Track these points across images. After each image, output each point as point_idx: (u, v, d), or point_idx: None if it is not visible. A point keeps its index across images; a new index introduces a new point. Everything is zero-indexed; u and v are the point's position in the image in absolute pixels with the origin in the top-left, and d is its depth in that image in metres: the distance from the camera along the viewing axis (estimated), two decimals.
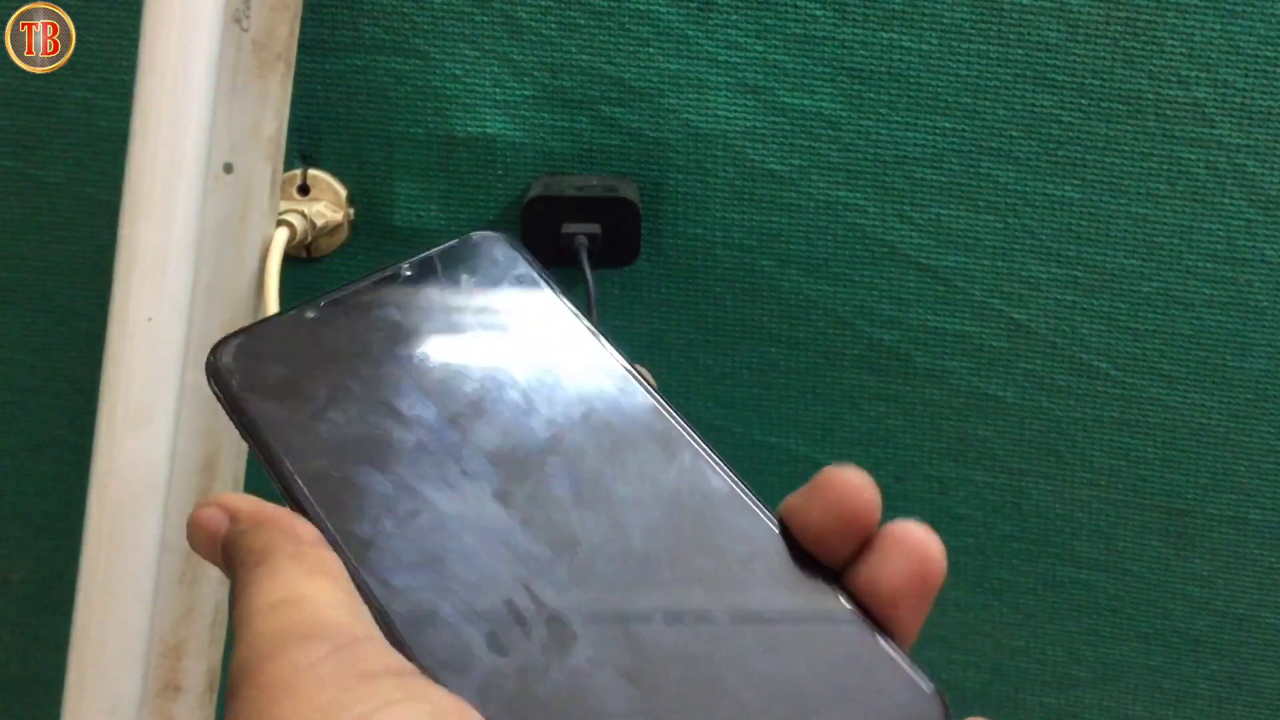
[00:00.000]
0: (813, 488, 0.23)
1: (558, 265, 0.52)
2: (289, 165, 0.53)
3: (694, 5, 0.51)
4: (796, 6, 0.51)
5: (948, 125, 0.52)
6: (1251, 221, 0.53)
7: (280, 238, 0.49)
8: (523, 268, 0.25)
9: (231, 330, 0.25)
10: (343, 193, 0.54)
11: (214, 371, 0.23)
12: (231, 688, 0.19)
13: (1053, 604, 0.61)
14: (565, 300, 0.25)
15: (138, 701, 0.49)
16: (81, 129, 0.53)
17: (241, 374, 0.23)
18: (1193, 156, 0.52)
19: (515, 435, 0.22)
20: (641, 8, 0.51)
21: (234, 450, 0.50)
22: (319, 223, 0.52)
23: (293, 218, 0.50)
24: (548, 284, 0.25)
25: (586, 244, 0.50)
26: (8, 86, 0.53)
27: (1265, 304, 0.53)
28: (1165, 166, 0.53)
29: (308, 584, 0.20)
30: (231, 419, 0.23)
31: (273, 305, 0.48)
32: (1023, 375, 0.56)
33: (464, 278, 0.25)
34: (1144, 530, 0.59)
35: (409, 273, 0.24)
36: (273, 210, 0.49)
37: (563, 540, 0.21)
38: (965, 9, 0.51)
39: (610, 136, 0.53)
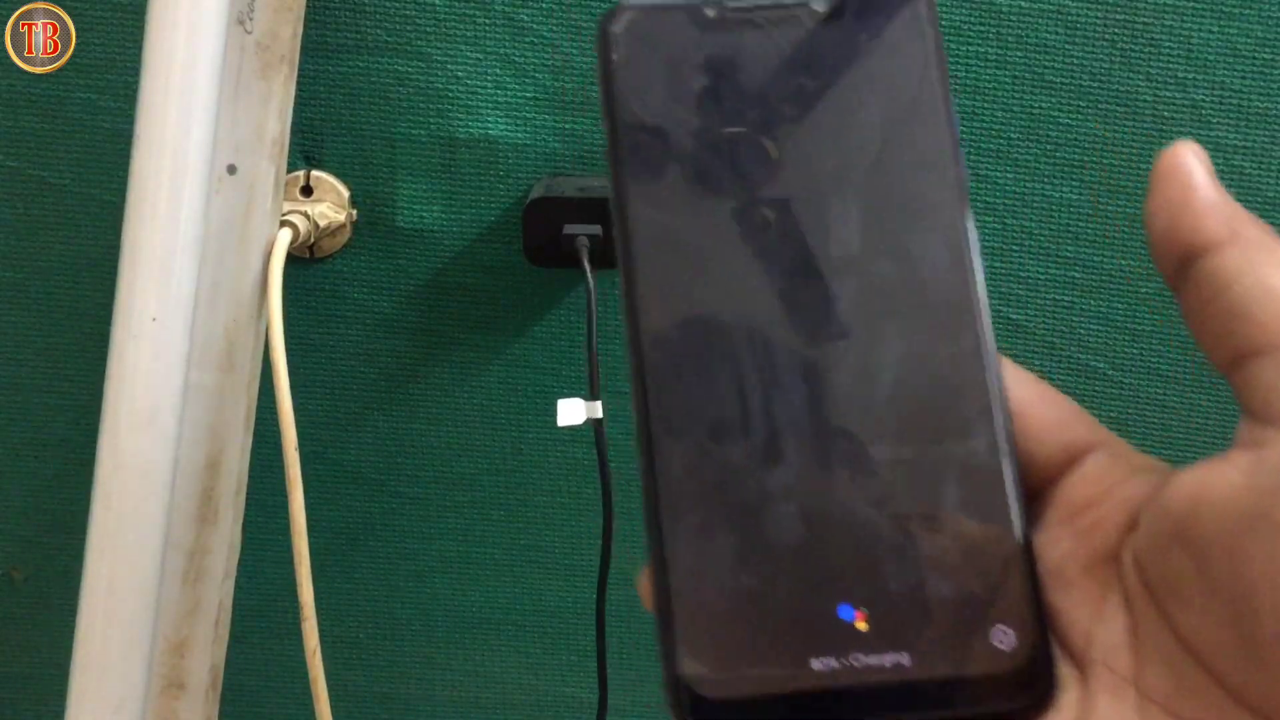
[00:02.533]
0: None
1: (559, 266, 0.52)
2: (292, 166, 0.53)
3: None
4: None
5: None
6: None
7: (283, 238, 0.49)
8: (922, 31, 0.24)
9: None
10: (345, 194, 0.54)
11: (603, 34, 0.24)
12: None
13: None
14: (940, 82, 0.24)
15: (141, 698, 0.49)
16: (85, 130, 0.54)
17: (623, 48, 0.24)
18: None
19: (811, 186, 0.23)
20: None
21: (238, 450, 0.50)
22: (322, 224, 0.53)
23: (296, 219, 0.51)
24: (936, 60, 0.24)
25: (588, 245, 0.50)
26: (12, 88, 0.53)
27: None
28: None
29: None
30: (600, 86, 0.24)
31: (276, 306, 0.48)
32: None
33: (860, 26, 0.24)
34: None
35: (818, 7, 0.24)
36: (276, 211, 0.49)
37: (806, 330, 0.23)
38: (964, 11, 0.51)
39: None
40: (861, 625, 0.21)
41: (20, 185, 0.55)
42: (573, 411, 0.48)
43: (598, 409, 0.48)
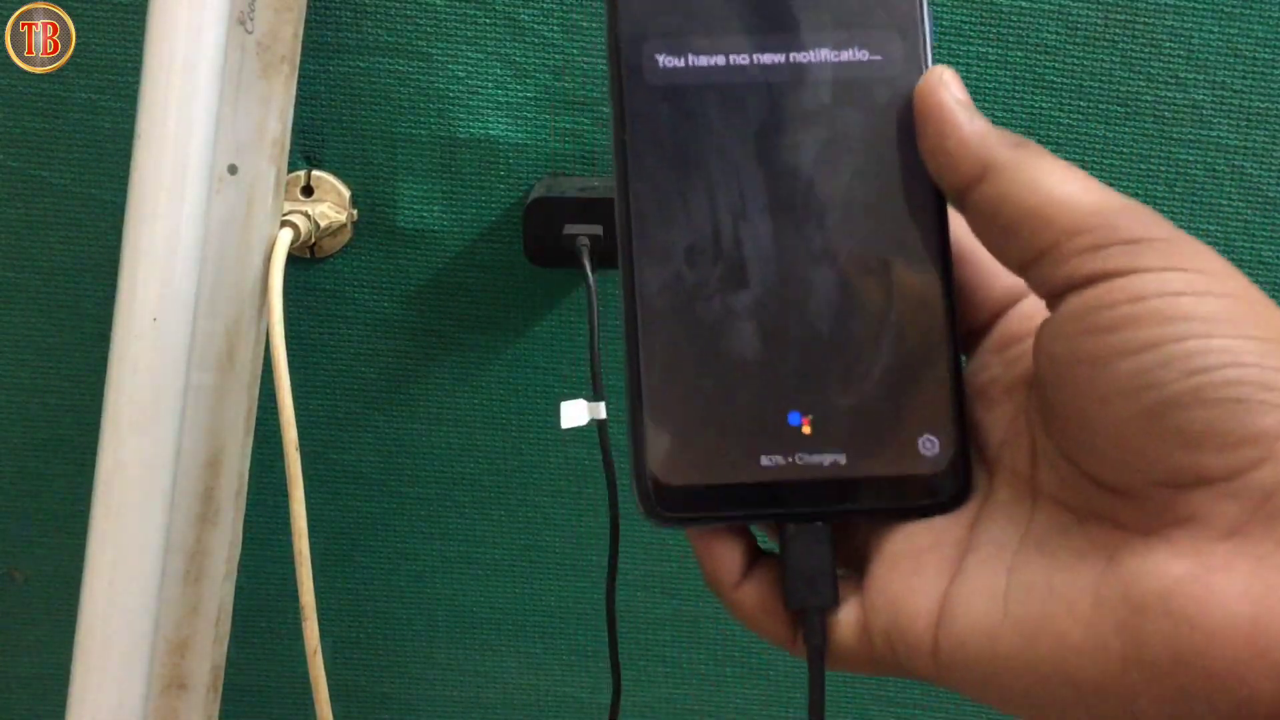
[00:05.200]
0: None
1: (560, 266, 0.52)
2: (293, 166, 0.53)
3: None
4: None
5: None
6: (1249, 222, 0.53)
7: (284, 238, 0.49)
8: None
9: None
10: (346, 194, 0.54)
11: None
12: None
13: None
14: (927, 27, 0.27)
15: (142, 698, 0.49)
16: (86, 130, 0.54)
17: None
18: (1190, 158, 0.53)
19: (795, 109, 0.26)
20: None
21: (238, 449, 0.50)
22: (322, 223, 0.53)
23: (296, 219, 0.51)
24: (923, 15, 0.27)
25: (588, 245, 0.50)
26: (13, 88, 0.53)
27: None
28: (1163, 168, 0.53)
29: None
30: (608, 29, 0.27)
31: (277, 306, 0.48)
32: None
33: None
34: None
35: None
36: (276, 211, 0.49)
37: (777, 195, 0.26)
38: (965, 12, 0.51)
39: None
40: (806, 429, 0.25)
41: (20, 185, 0.55)
42: (576, 413, 0.48)
43: (601, 409, 0.48)
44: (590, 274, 0.50)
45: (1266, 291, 0.23)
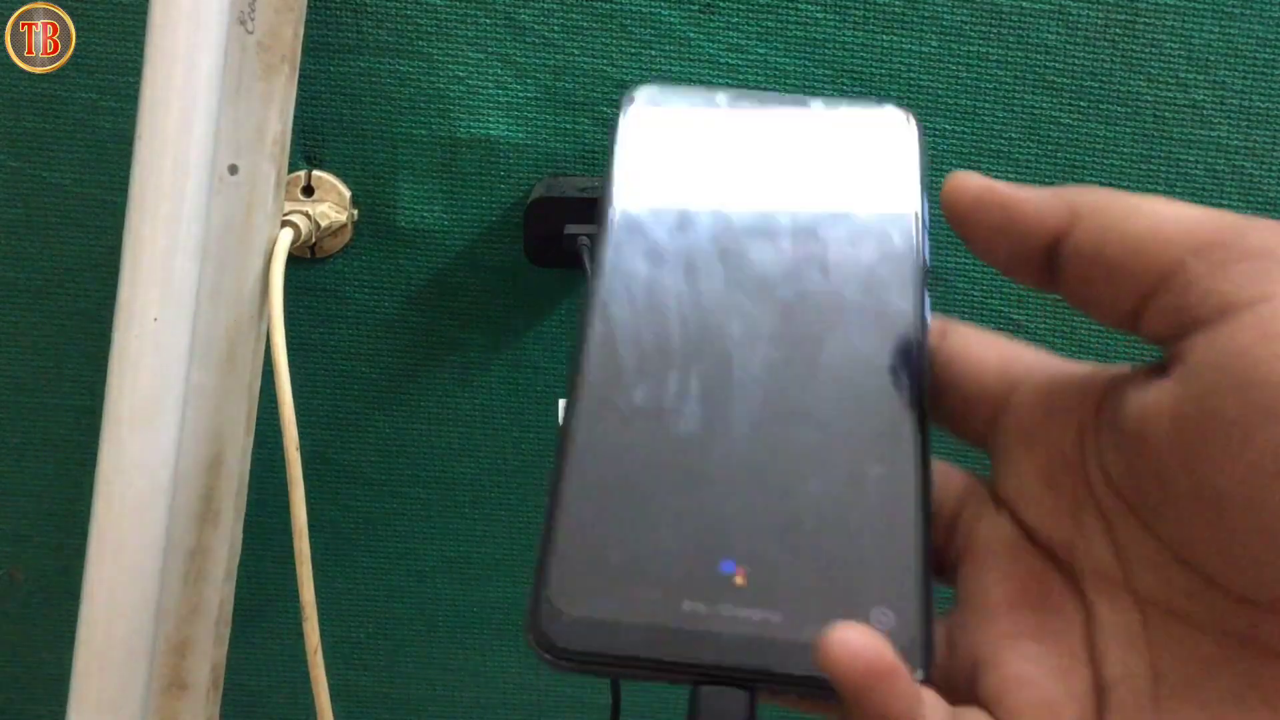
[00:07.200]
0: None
1: (560, 266, 0.52)
2: (293, 166, 0.53)
3: (695, 8, 0.51)
4: (798, 9, 0.51)
5: (947, 127, 0.53)
6: None
7: (285, 238, 0.49)
8: (909, 152, 0.27)
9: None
10: (346, 194, 0.54)
11: (627, 100, 0.28)
12: None
13: None
14: (923, 205, 0.27)
15: (142, 699, 0.49)
16: (86, 130, 0.54)
17: (643, 115, 0.27)
18: (1191, 158, 0.53)
19: (780, 271, 0.26)
20: (643, 10, 0.51)
21: (239, 449, 0.50)
22: (323, 223, 0.53)
23: (297, 218, 0.51)
24: (920, 179, 0.27)
25: (589, 245, 0.50)
26: (14, 88, 0.53)
27: None
28: (1164, 168, 0.53)
29: None
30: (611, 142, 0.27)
31: (277, 305, 0.48)
32: None
33: (852, 132, 0.27)
34: None
35: (815, 104, 0.28)
36: (277, 211, 0.49)
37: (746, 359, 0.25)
38: (965, 12, 0.51)
39: None
40: (740, 580, 0.22)
41: (21, 185, 0.55)
42: None
43: None
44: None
45: None
